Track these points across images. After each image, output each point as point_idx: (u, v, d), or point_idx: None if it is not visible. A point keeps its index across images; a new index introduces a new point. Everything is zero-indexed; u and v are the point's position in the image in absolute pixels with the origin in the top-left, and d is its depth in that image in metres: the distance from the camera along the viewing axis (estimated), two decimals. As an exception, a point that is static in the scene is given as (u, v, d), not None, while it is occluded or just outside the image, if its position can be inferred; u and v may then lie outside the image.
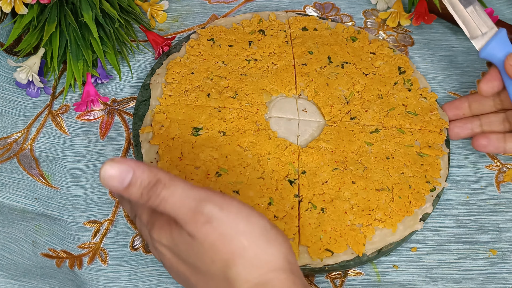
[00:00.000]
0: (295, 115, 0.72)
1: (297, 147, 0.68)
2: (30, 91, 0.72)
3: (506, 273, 0.65)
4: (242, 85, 0.71)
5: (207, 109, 0.69)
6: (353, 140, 0.69)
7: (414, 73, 0.76)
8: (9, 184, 0.66)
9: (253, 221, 0.49)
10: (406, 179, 0.67)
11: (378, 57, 0.76)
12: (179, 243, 0.50)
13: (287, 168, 0.66)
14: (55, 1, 0.71)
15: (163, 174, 0.49)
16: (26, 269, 0.60)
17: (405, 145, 0.69)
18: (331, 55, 0.75)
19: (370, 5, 0.85)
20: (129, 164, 0.48)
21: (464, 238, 0.67)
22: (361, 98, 0.72)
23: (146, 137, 0.67)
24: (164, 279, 0.62)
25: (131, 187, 0.48)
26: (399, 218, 0.64)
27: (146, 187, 0.49)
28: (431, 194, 0.67)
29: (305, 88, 0.73)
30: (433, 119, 0.72)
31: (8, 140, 0.70)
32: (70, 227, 0.65)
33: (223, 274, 0.49)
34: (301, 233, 0.62)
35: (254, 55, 0.74)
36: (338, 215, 0.64)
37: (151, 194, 0.49)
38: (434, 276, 0.65)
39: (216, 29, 0.76)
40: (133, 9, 0.76)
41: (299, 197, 0.65)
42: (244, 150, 0.67)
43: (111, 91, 0.75)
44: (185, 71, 0.72)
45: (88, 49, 0.72)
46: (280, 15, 0.79)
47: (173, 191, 0.49)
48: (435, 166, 0.68)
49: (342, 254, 0.62)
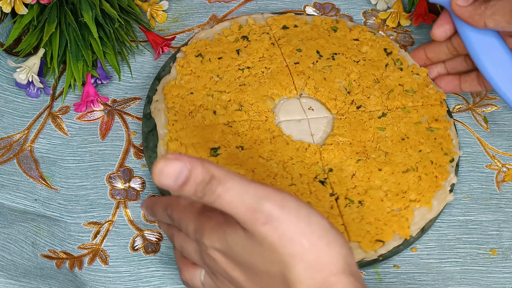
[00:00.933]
0: (303, 115, 0.72)
1: (317, 147, 0.68)
2: (30, 92, 0.72)
3: (506, 273, 0.65)
4: (244, 96, 0.71)
5: (218, 127, 0.68)
6: (366, 128, 0.70)
7: (399, 52, 0.77)
8: (9, 186, 0.66)
9: (313, 221, 0.47)
10: (426, 156, 0.68)
11: (362, 42, 0.77)
12: (234, 245, 0.48)
13: (313, 169, 0.67)
14: (55, 1, 0.71)
15: (217, 169, 0.47)
16: (26, 270, 0.60)
17: (414, 123, 0.71)
18: (319, 49, 0.76)
19: (370, 5, 0.85)
20: (183, 160, 0.46)
21: (465, 238, 0.67)
22: (360, 86, 0.73)
23: None
24: (164, 280, 0.62)
25: (185, 185, 0.46)
26: (432, 195, 0.66)
27: (200, 183, 0.46)
28: (452, 165, 0.69)
29: (304, 86, 0.73)
30: (431, 93, 0.73)
31: (9, 140, 0.70)
32: (70, 228, 0.65)
33: (282, 276, 0.47)
34: (348, 230, 0.63)
35: (245, 63, 0.74)
36: (376, 204, 0.64)
37: (206, 191, 0.46)
38: (434, 276, 0.65)
39: (201, 44, 0.75)
40: (133, 9, 0.76)
41: (335, 195, 0.65)
42: (267, 161, 0.66)
43: (111, 91, 0.75)
44: (184, 92, 0.70)
45: (88, 49, 0.72)
46: (257, 17, 0.79)
47: (230, 187, 0.46)
48: (446, 137, 0.70)
49: (391, 241, 0.63)
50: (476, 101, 0.78)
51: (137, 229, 0.65)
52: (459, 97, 0.78)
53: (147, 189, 0.68)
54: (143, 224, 0.66)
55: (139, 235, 0.65)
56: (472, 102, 0.78)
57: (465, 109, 0.77)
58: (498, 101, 0.78)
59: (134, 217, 0.66)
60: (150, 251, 0.64)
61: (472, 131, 0.75)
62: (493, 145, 0.74)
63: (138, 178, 0.68)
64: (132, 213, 0.66)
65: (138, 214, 0.66)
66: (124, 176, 0.68)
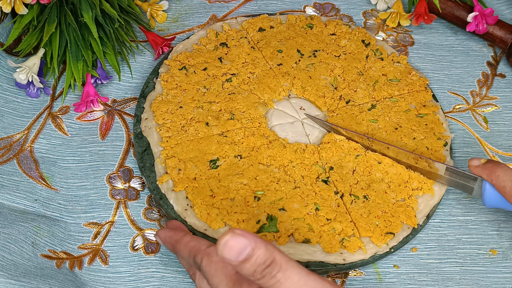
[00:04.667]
0: (295, 116, 0.72)
1: (314, 146, 0.68)
2: (30, 92, 0.72)
3: (506, 273, 0.65)
4: (234, 104, 0.71)
5: (213, 138, 0.68)
6: (359, 122, 0.70)
7: (377, 42, 0.78)
8: (9, 186, 0.66)
9: None
10: (421, 143, 0.69)
11: (340, 36, 0.78)
12: None
13: (314, 169, 0.67)
14: (55, 1, 0.71)
15: (279, 254, 0.48)
16: (26, 270, 0.60)
17: (404, 111, 0.72)
18: (299, 47, 0.76)
19: (370, 5, 0.85)
20: (248, 238, 0.47)
21: (465, 238, 0.67)
22: (345, 81, 0.74)
23: (167, 186, 0.65)
24: (164, 281, 0.62)
25: (246, 262, 0.47)
26: (432, 181, 0.67)
27: (261, 265, 0.47)
28: (446, 149, 0.70)
29: (291, 87, 0.73)
30: (414, 80, 0.75)
31: (9, 140, 0.70)
32: (70, 228, 0.65)
33: None
34: (358, 226, 0.64)
35: (230, 70, 0.74)
36: (381, 197, 0.65)
37: (265, 274, 0.47)
38: (434, 276, 0.65)
39: (182, 57, 0.74)
40: (133, 9, 0.76)
41: (339, 193, 0.65)
42: (267, 166, 0.66)
43: (111, 91, 0.75)
44: (173, 107, 0.70)
45: (88, 49, 0.71)
46: (231, 22, 0.79)
47: (290, 275, 0.48)
48: (436, 121, 0.71)
49: (401, 232, 0.64)
50: (476, 101, 0.78)
51: (137, 229, 0.65)
52: (459, 97, 0.78)
53: (147, 189, 0.68)
54: (143, 223, 0.66)
55: (139, 234, 0.65)
56: (472, 102, 0.78)
57: (465, 109, 0.77)
58: (498, 101, 0.78)
59: (134, 217, 0.66)
60: (150, 251, 0.64)
61: (472, 131, 0.75)
62: (493, 145, 0.74)
63: (138, 178, 0.68)
64: (132, 212, 0.66)
65: (139, 213, 0.66)
66: (124, 176, 0.68)
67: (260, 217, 0.63)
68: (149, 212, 0.66)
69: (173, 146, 0.67)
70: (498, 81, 0.80)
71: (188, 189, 0.64)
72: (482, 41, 0.83)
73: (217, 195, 0.64)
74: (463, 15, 0.81)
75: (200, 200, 0.63)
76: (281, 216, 0.63)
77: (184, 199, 0.64)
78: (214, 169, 0.66)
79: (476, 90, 0.78)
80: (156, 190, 0.65)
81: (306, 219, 0.63)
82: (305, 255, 0.62)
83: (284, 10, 0.83)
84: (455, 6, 0.81)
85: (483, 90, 0.78)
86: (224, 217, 0.62)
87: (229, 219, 0.62)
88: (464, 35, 0.83)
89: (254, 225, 0.62)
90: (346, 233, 0.63)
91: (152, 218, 0.66)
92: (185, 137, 0.68)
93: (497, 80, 0.80)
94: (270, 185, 0.65)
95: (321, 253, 0.62)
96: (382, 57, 0.76)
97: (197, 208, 0.63)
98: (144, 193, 0.68)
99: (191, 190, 0.64)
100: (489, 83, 0.79)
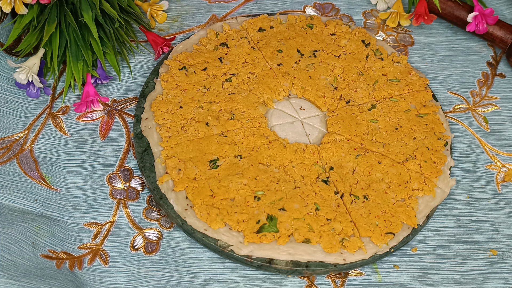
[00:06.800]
0: (295, 116, 0.72)
1: (314, 146, 0.68)
2: (30, 92, 0.72)
3: (506, 273, 0.65)
4: (234, 104, 0.71)
5: (213, 138, 0.68)
6: (359, 122, 0.71)
7: (377, 42, 0.78)
8: (9, 186, 0.66)
9: None
10: (421, 143, 0.69)
11: (340, 36, 0.78)
12: None
13: (314, 169, 0.67)
14: (55, 1, 0.71)
15: None
16: (26, 270, 0.60)
17: (404, 111, 0.72)
18: (299, 47, 0.76)
19: (370, 5, 0.85)
20: None
21: (465, 238, 0.67)
22: (345, 81, 0.74)
23: (167, 186, 0.65)
24: (164, 280, 0.62)
25: None
26: (434, 183, 0.67)
27: None
28: (446, 148, 0.70)
29: (291, 87, 0.73)
30: (414, 79, 0.75)
31: (9, 140, 0.70)
32: (70, 228, 0.65)
33: None
34: (358, 226, 0.64)
35: (230, 70, 0.73)
36: (381, 197, 0.65)
37: None
38: (434, 276, 0.65)
39: (182, 57, 0.74)
40: (133, 9, 0.76)
41: (339, 193, 0.65)
42: (267, 166, 0.66)
43: (111, 91, 0.75)
44: (172, 107, 0.70)
45: (88, 49, 0.72)
46: (231, 22, 0.79)
47: None
48: (436, 121, 0.72)
49: (401, 232, 0.64)
50: (476, 101, 0.78)
51: (137, 228, 0.65)
52: (459, 97, 0.78)
53: (146, 190, 0.68)
54: (143, 223, 0.66)
55: (139, 234, 0.65)
56: (472, 102, 0.78)
57: (465, 109, 0.77)
58: (498, 101, 0.78)
59: (134, 217, 0.66)
60: (150, 251, 0.64)
61: (472, 131, 0.75)
62: (493, 145, 0.74)
63: (138, 178, 0.68)
64: (132, 212, 0.66)
65: (139, 213, 0.66)
66: (124, 176, 0.68)
67: (260, 217, 0.63)
68: (149, 212, 0.66)
69: (173, 146, 0.67)
70: (498, 81, 0.80)
71: (188, 189, 0.64)
72: (482, 41, 0.83)
73: (217, 195, 0.64)
74: (463, 15, 0.81)
75: (200, 200, 0.63)
76: (281, 216, 0.63)
77: (184, 199, 0.64)
78: (214, 169, 0.66)
79: (476, 90, 0.78)
80: (156, 190, 0.65)
81: (306, 219, 0.63)
82: (305, 255, 0.62)
83: (284, 10, 0.83)
84: (455, 6, 0.81)
85: (483, 90, 0.78)
86: (224, 217, 0.62)
87: (229, 219, 0.62)
88: (464, 35, 0.83)
89: (254, 225, 0.62)
90: (346, 233, 0.63)
91: (152, 217, 0.66)
92: (185, 137, 0.68)
93: (497, 80, 0.80)
94: (270, 185, 0.65)
95: (321, 253, 0.62)
96: (382, 57, 0.76)
97: (197, 208, 0.63)
98: (144, 193, 0.68)
99: (191, 190, 0.64)
100: (489, 83, 0.79)
